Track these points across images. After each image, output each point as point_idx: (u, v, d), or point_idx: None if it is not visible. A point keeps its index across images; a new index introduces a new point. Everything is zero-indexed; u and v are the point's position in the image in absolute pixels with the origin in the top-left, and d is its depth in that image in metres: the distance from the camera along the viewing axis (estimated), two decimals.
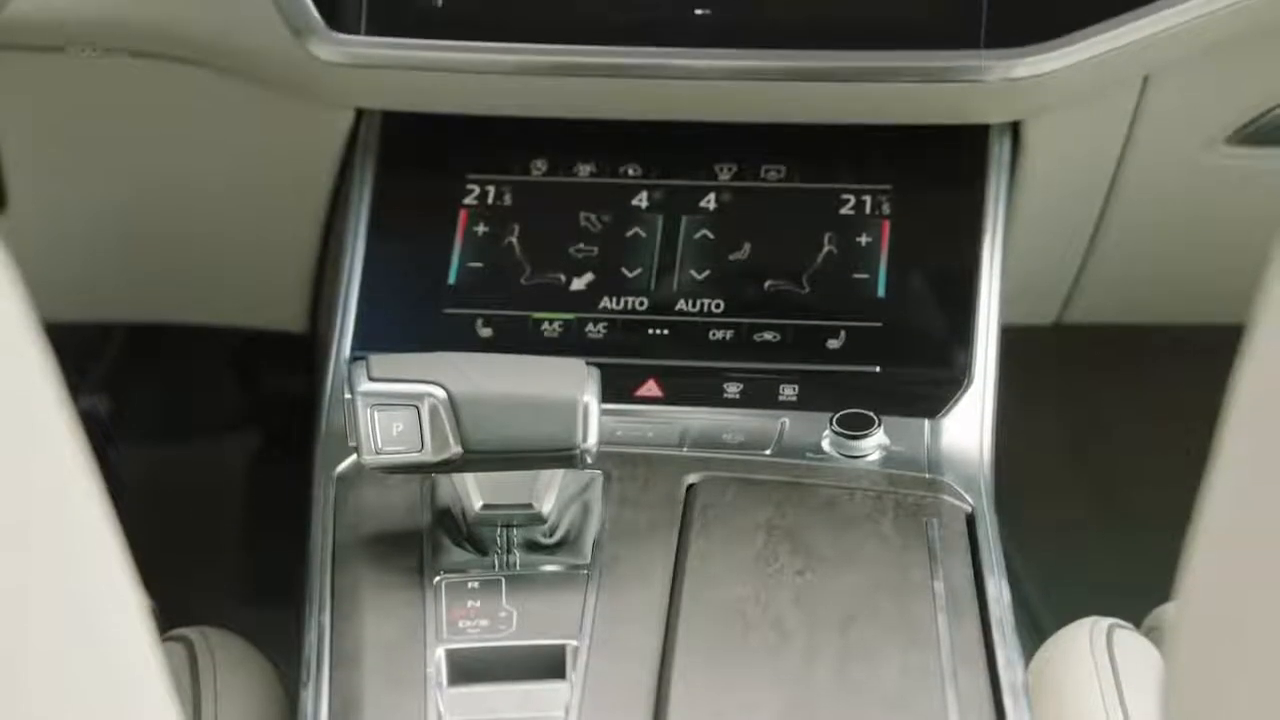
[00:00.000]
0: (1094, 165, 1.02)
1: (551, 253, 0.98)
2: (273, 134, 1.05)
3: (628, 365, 0.94)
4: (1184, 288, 1.14)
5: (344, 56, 0.95)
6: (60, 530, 0.49)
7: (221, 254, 1.14)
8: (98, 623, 0.50)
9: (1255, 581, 0.48)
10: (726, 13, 0.93)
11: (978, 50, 0.92)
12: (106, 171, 1.10)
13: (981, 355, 0.93)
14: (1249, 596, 0.48)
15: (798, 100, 0.96)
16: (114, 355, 1.40)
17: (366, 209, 1.00)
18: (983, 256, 0.96)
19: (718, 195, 0.99)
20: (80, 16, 0.97)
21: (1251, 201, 1.00)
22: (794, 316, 0.95)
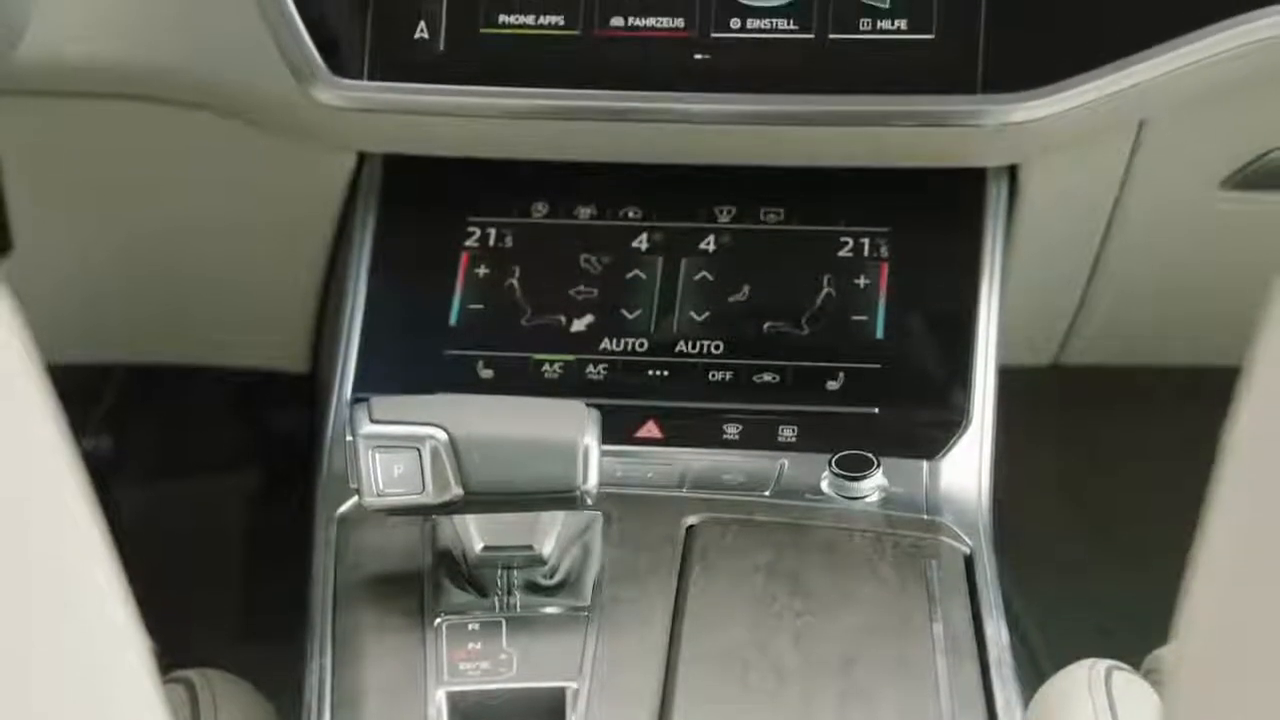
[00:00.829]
0: (1090, 208, 1.03)
1: (552, 294, 0.99)
2: (275, 177, 1.06)
3: (628, 406, 0.94)
4: (1181, 330, 1.14)
5: (346, 101, 0.96)
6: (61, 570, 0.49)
7: (223, 296, 1.14)
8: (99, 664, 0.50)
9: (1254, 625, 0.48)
10: (725, 58, 0.94)
11: (975, 95, 0.92)
12: (109, 214, 1.10)
13: (979, 397, 0.94)
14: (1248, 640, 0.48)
15: (796, 144, 0.96)
16: (115, 395, 1.40)
17: (368, 251, 1.01)
18: (980, 298, 0.96)
19: (717, 237, 1.00)
20: (85, 62, 0.98)
21: (1247, 245, 1.00)
22: (793, 358, 0.96)
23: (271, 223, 1.08)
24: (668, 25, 0.95)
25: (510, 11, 0.96)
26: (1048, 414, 1.33)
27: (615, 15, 0.95)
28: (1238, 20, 0.91)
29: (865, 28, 0.94)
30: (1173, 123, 0.97)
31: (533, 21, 0.95)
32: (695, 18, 0.95)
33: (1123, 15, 0.92)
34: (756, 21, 0.94)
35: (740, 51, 0.94)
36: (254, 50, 0.96)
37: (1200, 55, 0.91)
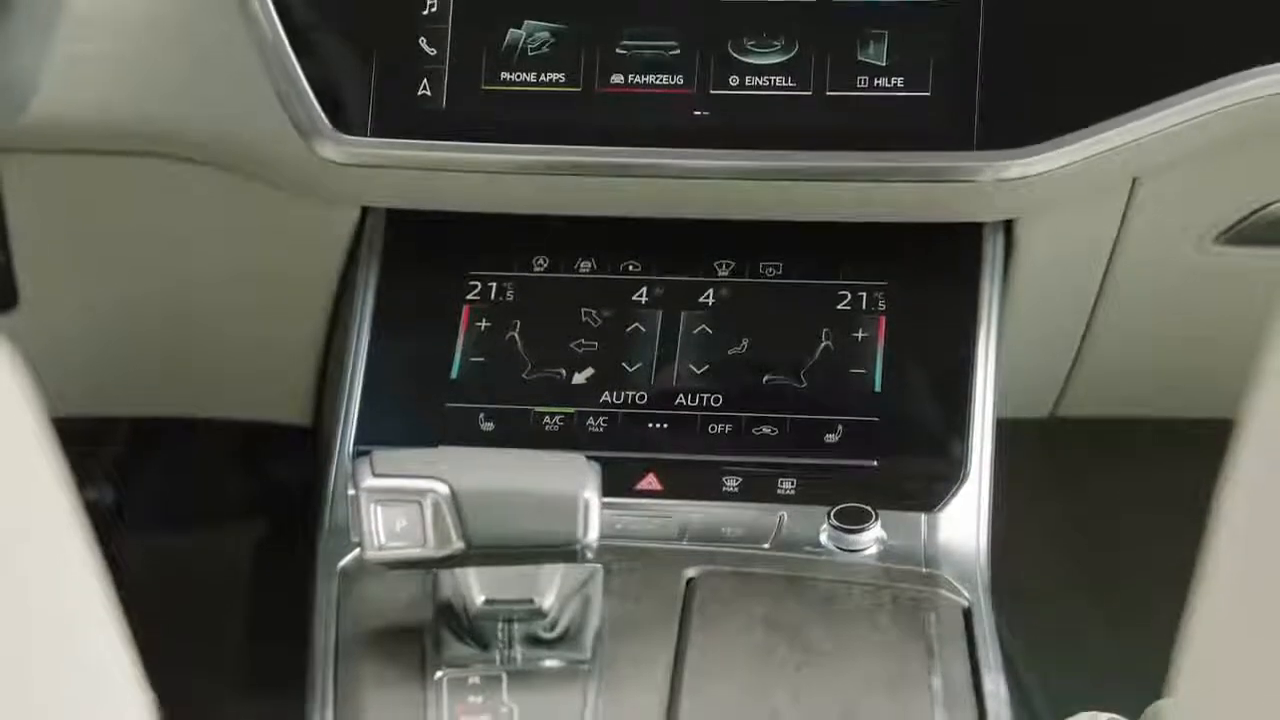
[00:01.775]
0: (1085, 263, 1.04)
1: (553, 348, 0.99)
2: (278, 231, 1.07)
3: (628, 459, 0.95)
4: (1178, 382, 1.15)
5: (349, 156, 0.97)
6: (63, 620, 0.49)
7: (226, 349, 1.15)
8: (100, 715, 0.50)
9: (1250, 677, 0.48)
10: (725, 114, 0.95)
11: (970, 151, 0.93)
12: (111, 268, 1.11)
13: (977, 449, 0.94)
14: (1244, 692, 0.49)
15: (794, 199, 0.97)
16: (117, 446, 1.40)
17: (370, 304, 1.02)
18: (977, 351, 0.97)
19: (716, 291, 1.00)
20: (92, 121, 0.99)
21: (1242, 299, 1.01)
22: (792, 411, 0.96)
23: (274, 276, 1.09)
24: (668, 83, 0.96)
25: (512, 69, 0.97)
26: (1046, 466, 1.34)
27: (616, 73, 0.96)
28: (1231, 79, 0.91)
29: (862, 85, 0.95)
30: (1167, 179, 0.98)
31: (534, 79, 0.97)
32: (695, 75, 0.96)
33: (1117, 73, 0.93)
34: (755, 79, 0.95)
35: (739, 108, 0.95)
36: (259, 107, 0.97)
37: (1194, 113, 0.92)
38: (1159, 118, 0.92)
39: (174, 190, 1.06)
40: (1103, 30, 0.93)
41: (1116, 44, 0.93)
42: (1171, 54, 0.92)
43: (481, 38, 0.97)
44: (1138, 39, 0.93)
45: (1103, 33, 0.93)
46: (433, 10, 0.97)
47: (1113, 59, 0.93)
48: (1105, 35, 0.93)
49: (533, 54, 0.97)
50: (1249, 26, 0.92)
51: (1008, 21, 0.93)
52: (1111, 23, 0.93)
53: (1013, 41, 0.93)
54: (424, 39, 0.97)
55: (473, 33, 0.97)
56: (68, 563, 0.49)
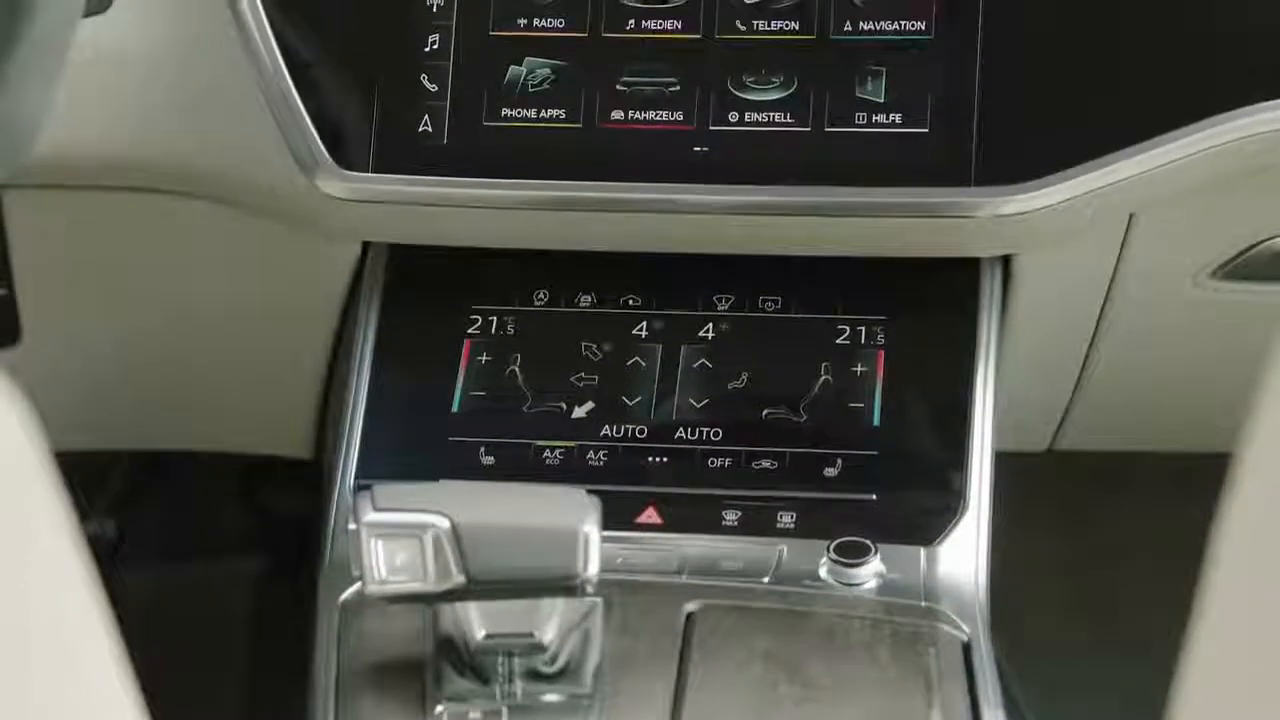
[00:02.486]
0: (1082, 297, 1.04)
1: (553, 381, 1.00)
2: (280, 266, 1.07)
3: (628, 493, 0.95)
4: (1176, 416, 1.15)
5: (351, 192, 0.97)
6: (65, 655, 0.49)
7: (228, 383, 1.15)
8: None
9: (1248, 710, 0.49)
10: (724, 150, 0.96)
11: (968, 188, 0.94)
12: (112, 303, 1.12)
13: (976, 483, 0.95)
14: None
15: (793, 234, 0.98)
16: (119, 480, 1.41)
17: (372, 338, 1.02)
18: (976, 385, 0.97)
19: (716, 325, 1.01)
20: (95, 158, 1.00)
21: (1239, 333, 1.01)
22: (791, 444, 0.97)
23: (276, 310, 1.10)
24: (668, 119, 0.96)
25: (513, 105, 0.97)
26: (1045, 499, 1.34)
27: (616, 109, 0.97)
28: (1226, 116, 0.92)
29: (861, 121, 0.95)
30: (1163, 215, 0.99)
31: (535, 115, 0.97)
32: (695, 111, 0.96)
33: (1114, 110, 0.93)
34: (755, 115, 0.96)
35: (739, 144, 0.96)
36: (261, 143, 0.98)
37: (1190, 149, 0.92)
38: (1155, 154, 0.93)
39: (175, 225, 1.06)
40: (1099, 67, 0.94)
41: (1112, 81, 0.94)
42: (1168, 90, 0.93)
43: (483, 74, 0.97)
44: (1133, 76, 0.94)
45: (1099, 70, 0.94)
46: (434, 47, 0.98)
47: (1109, 96, 0.94)
48: (1101, 72, 0.94)
49: (533, 90, 0.97)
50: (1244, 64, 0.93)
51: (1004, 58, 0.94)
52: (1107, 60, 0.94)
53: (1009, 78, 0.94)
54: (425, 75, 0.98)
55: (474, 69, 0.97)
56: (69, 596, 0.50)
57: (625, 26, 0.97)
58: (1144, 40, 0.94)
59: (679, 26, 0.97)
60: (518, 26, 0.98)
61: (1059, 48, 0.94)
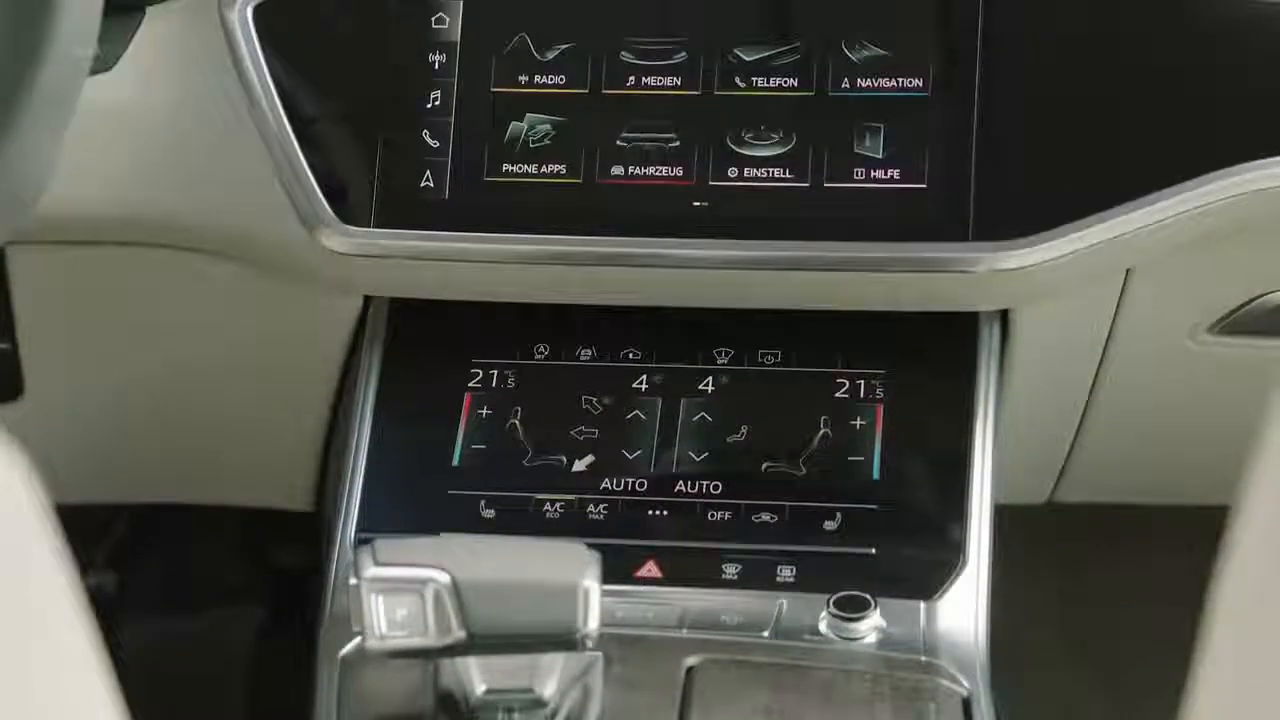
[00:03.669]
0: (1081, 352, 1.04)
1: (553, 435, 1.00)
2: (282, 320, 1.07)
3: (628, 546, 0.95)
4: (1175, 469, 1.15)
5: (353, 247, 0.98)
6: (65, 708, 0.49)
7: (229, 436, 1.15)
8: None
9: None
10: (724, 205, 0.96)
11: (965, 243, 0.94)
12: (114, 357, 1.12)
13: (975, 537, 0.95)
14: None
15: (792, 288, 0.98)
16: (119, 532, 1.41)
17: (373, 392, 1.02)
18: (975, 439, 0.98)
19: (716, 379, 1.01)
20: (96, 213, 1.00)
21: (1237, 388, 1.02)
22: (791, 498, 0.97)
23: (277, 364, 1.10)
24: (667, 174, 0.97)
25: (514, 161, 0.98)
26: (1045, 552, 1.34)
27: (616, 164, 0.97)
28: (1223, 173, 0.92)
29: (859, 177, 0.96)
30: (1160, 270, 0.99)
31: (536, 170, 0.98)
32: (694, 167, 0.97)
33: (1111, 166, 0.94)
34: (754, 170, 0.97)
35: (738, 199, 0.96)
36: (264, 198, 0.98)
37: (1187, 206, 0.93)
38: (1152, 210, 0.93)
39: (177, 279, 1.07)
40: (1095, 124, 0.94)
41: (1109, 138, 0.94)
42: (1164, 147, 0.94)
43: (484, 130, 0.98)
44: (1130, 133, 0.94)
45: (1095, 127, 0.94)
46: (436, 104, 0.99)
47: (1106, 152, 0.94)
48: (1098, 129, 0.94)
49: (534, 146, 0.98)
50: (1240, 121, 0.93)
51: (1001, 115, 0.95)
52: (1105, 116, 0.94)
53: (1007, 134, 0.95)
54: (427, 131, 0.98)
55: (475, 125, 0.98)
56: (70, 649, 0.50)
57: (626, 83, 0.98)
58: (1140, 97, 0.94)
59: (679, 83, 0.98)
60: (519, 83, 0.98)
61: (1056, 104, 0.95)
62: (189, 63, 1.00)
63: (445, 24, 0.99)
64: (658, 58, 0.98)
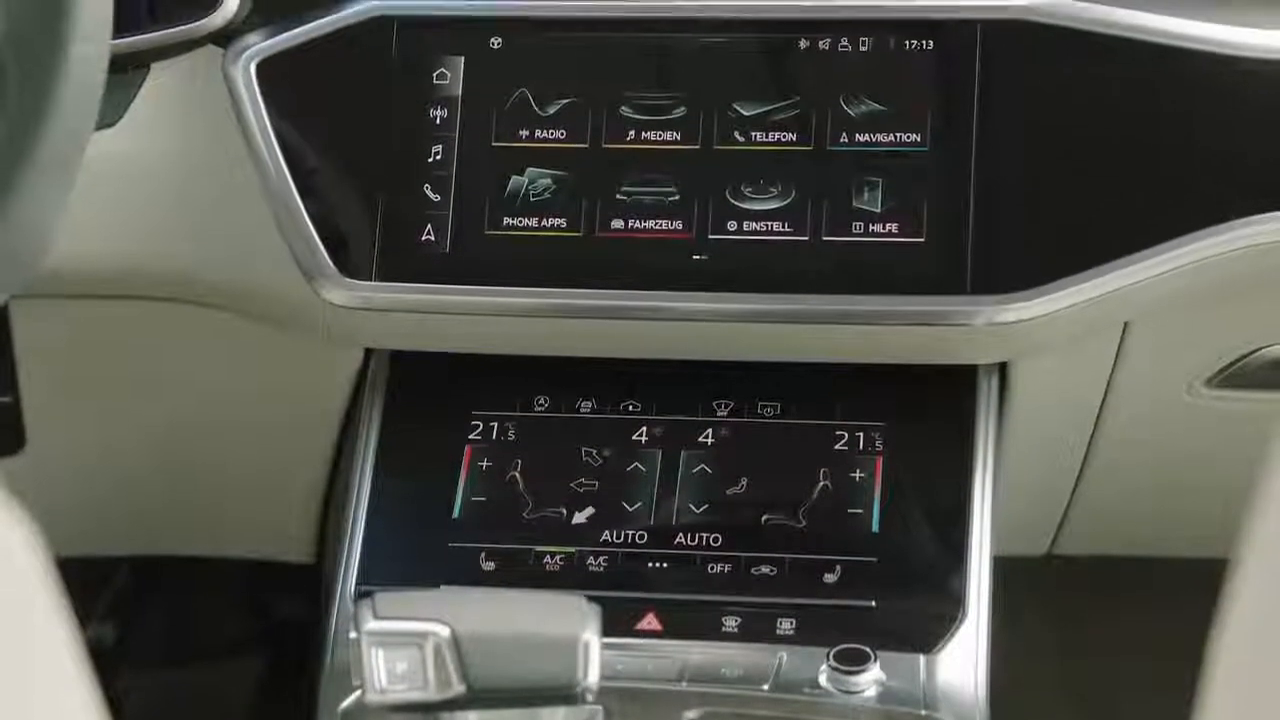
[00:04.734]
0: (1079, 405, 1.05)
1: (553, 487, 1.00)
2: (283, 372, 1.08)
3: (628, 599, 0.95)
4: (1175, 522, 1.15)
5: (354, 300, 0.98)
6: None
7: (229, 489, 1.16)
8: None
9: None
10: (723, 258, 0.97)
11: (963, 296, 0.95)
12: (116, 409, 1.12)
13: (974, 589, 0.95)
14: None
15: (791, 341, 0.99)
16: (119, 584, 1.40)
17: (373, 444, 1.03)
18: (974, 491, 0.98)
19: (715, 431, 1.01)
20: (98, 268, 1.01)
21: (1235, 441, 1.02)
22: (791, 550, 0.97)
23: (278, 416, 1.10)
24: (667, 227, 0.98)
25: (514, 214, 0.99)
26: (1044, 604, 1.34)
27: (616, 218, 0.98)
28: (1220, 228, 0.93)
29: (857, 230, 0.96)
30: (1158, 324, 0.99)
31: (536, 224, 0.98)
32: (693, 220, 0.97)
33: (1109, 220, 0.94)
34: (752, 224, 0.97)
35: (737, 252, 0.97)
36: (265, 251, 0.99)
37: (1184, 260, 0.93)
38: (1149, 265, 0.93)
39: (178, 331, 1.07)
40: (1093, 177, 0.95)
41: (1107, 192, 0.95)
42: (1162, 202, 0.94)
43: (484, 184, 0.99)
44: (1128, 186, 0.95)
45: (1093, 180, 0.95)
46: (437, 158, 0.99)
47: (1104, 206, 0.95)
48: (1096, 182, 0.95)
49: (534, 199, 0.99)
50: (1237, 176, 0.94)
51: (999, 169, 0.95)
52: (1102, 170, 0.95)
53: (1004, 188, 0.95)
54: (428, 185, 0.99)
55: (476, 179, 0.99)
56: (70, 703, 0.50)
57: (625, 137, 0.99)
58: (1137, 152, 0.95)
59: (678, 137, 0.98)
60: (519, 138, 0.99)
61: (1053, 159, 0.95)
62: (191, 117, 1.00)
63: (447, 79, 1.00)
64: (657, 113, 0.98)
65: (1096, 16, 0.95)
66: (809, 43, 0.98)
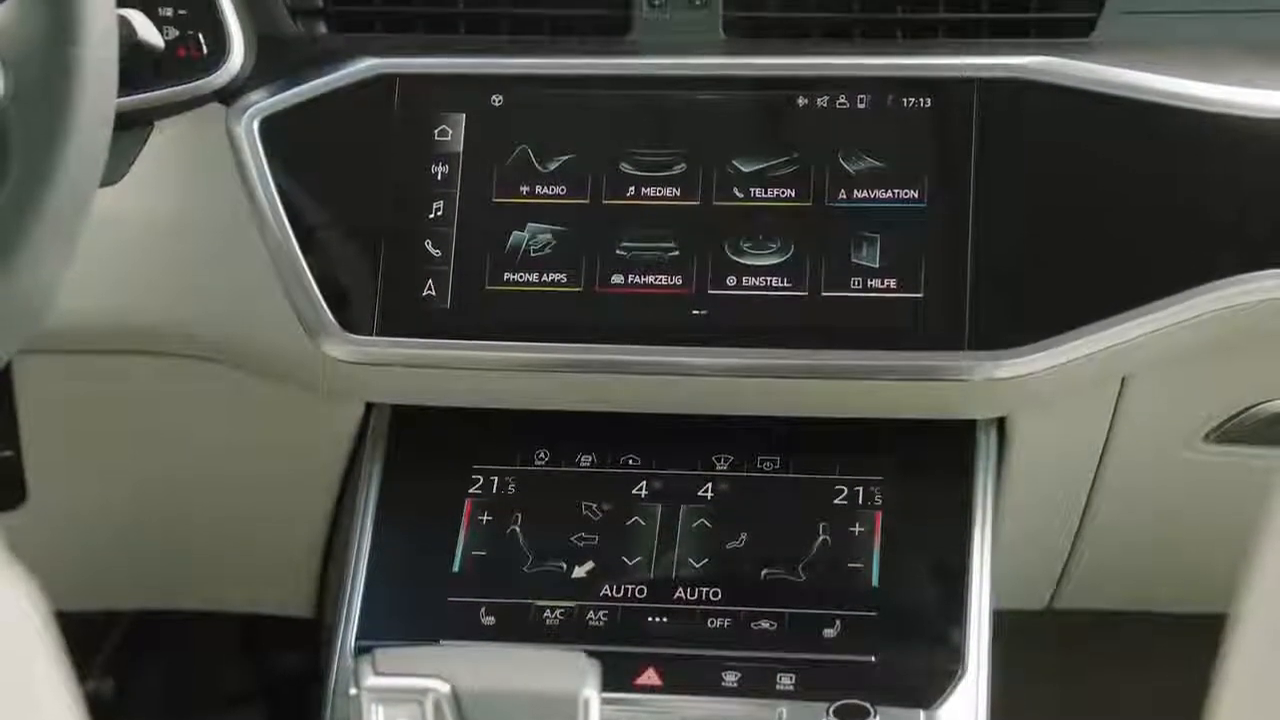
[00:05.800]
0: (1077, 459, 1.05)
1: (553, 541, 1.00)
2: (283, 427, 1.08)
3: (628, 654, 0.95)
4: (1173, 577, 1.15)
5: (356, 355, 0.99)
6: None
7: (230, 543, 1.16)
8: None
9: None
10: (722, 314, 0.97)
11: (962, 351, 0.95)
12: (117, 464, 1.13)
13: (974, 644, 0.95)
14: None
15: (791, 396, 0.99)
16: (118, 638, 1.40)
17: (374, 498, 1.03)
18: (973, 545, 0.98)
19: (715, 485, 1.02)
20: (101, 323, 1.01)
21: (1234, 496, 1.02)
22: (790, 605, 0.97)
23: (279, 471, 1.10)
24: (666, 283, 0.98)
25: (514, 269, 0.99)
26: (1044, 658, 1.33)
27: (616, 273, 0.99)
28: (1217, 284, 0.93)
29: (856, 286, 0.97)
30: (1155, 379, 1.00)
31: (536, 279, 0.99)
32: (693, 276, 0.98)
33: (1106, 276, 0.95)
34: (752, 279, 0.98)
35: (737, 308, 0.97)
36: (267, 307, 0.99)
37: (1181, 317, 0.94)
38: (1147, 321, 0.94)
39: (179, 387, 1.08)
40: (1090, 234, 0.95)
41: (1104, 248, 0.95)
42: (1159, 258, 0.95)
43: (485, 240, 0.99)
44: (1125, 243, 0.95)
45: (1091, 236, 0.95)
46: (438, 213, 1.00)
47: (1101, 262, 0.95)
48: (1093, 239, 0.95)
49: (535, 255, 0.99)
50: (1233, 234, 0.94)
51: (997, 225, 0.96)
52: (1099, 227, 0.95)
53: (1002, 244, 0.96)
54: (429, 241, 0.99)
55: (477, 235, 0.99)
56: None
57: (625, 193, 0.99)
58: (1135, 208, 0.95)
59: (678, 193, 0.99)
60: (520, 193, 1.00)
61: (1050, 215, 0.96)
62: (194, 173, 1.01)
63: (448, 136, 1.00)
64: (657, 169, 0.99)
65: (1092, 75, 0.96)
66: (807, 100, 0.98)
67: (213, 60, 0.99)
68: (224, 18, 1.00)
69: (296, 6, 1.03)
